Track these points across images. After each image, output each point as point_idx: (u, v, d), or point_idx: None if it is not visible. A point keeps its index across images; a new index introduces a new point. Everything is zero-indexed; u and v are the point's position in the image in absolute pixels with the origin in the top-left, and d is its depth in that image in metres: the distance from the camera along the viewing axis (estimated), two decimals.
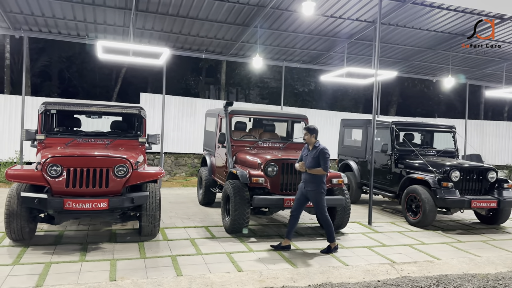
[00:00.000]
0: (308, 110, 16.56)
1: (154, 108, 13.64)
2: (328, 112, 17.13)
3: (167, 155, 14.45)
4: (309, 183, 5.67)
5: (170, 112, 13.95)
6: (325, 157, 5.60)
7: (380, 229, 7.34)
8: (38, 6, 9.04)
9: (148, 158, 14.32)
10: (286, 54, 12.19)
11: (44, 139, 6.45)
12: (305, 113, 15.90)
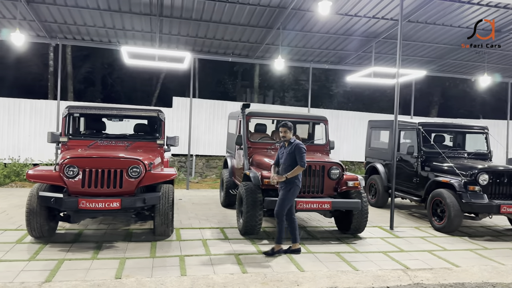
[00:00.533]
0: (341, 112, 16.25)
1: (186, 111, 13.84)
2: (363, 113, 16.74)
3: (198, 158, 14.70)
4: (284, 181, 5.56)
5: (202, 115, 14.18)
6: (301, 152, 5.50)
7: (402, 234, 7.07)
8: (70, 15, 9.49)
9: (180, 161, 14.64)
10: (313, 55, 12.06)
11: (67, 142, 6.75)
12: (338, 115, 15.80)
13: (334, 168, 6.47)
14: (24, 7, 8.84)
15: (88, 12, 9.32)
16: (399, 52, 7.37)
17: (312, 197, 6.37)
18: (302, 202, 6.10)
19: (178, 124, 13.65)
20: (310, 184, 6.39)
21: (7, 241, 5.66)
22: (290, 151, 5.61)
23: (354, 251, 5.92)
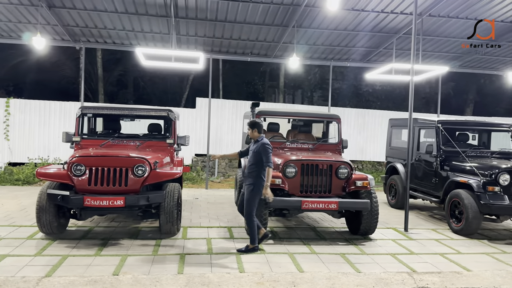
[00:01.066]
0: (367, 111, 15.84)
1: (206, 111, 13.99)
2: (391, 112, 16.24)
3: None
4: (247, 178, 5.58)
5: (225, 115, 14.26)
6: (266, 151, 5.45)
7: (416, 236, 6.81)
8: (90, 19, 9.78)
9: (203, 161, 14.77)
10: (333, 53, 11.85)
11: (80, 141, 6.94)
12: (365, 114, 15.40)
13: (342, 167, 6.31)
14: (46, 12, 9.18)
15: (107, 15, 9.57)
16: (413, 47, 7.09)
17: (319, 197, 6.23)
18: (308, 202, 5.99)
19: (202, 124, 13.78)
20: (317, 183, 6.27)
21: (19, 236, 5.88)
22: (255, 149, 5.57)
23: (360, 252, 5.74)
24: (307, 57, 12.03)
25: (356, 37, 10.67)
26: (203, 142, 13.72)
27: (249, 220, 5.62)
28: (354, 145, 14.94)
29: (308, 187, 6.27)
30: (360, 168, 15.80)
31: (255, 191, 5.54)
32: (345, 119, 14.93)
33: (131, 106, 7.40)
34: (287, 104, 16.10)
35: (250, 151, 5.74)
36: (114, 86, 28.46)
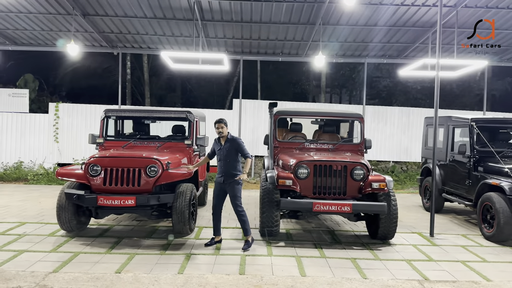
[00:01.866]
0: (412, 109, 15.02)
1: (246, 113, 14.04)
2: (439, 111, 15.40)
3: (258, 158, 14.79)
4: (230, 175, 5.75)
5: (261, 116, 14.22)
6: (241, 146, 5.82)
7: (441, 241, 6.38)
8: (123, 25, 10.19)
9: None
10: (367, 50, 11.46)
11: (103, 142, 7.23)
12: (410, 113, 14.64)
13: (358, 168, 6.06)
14: (81, 20, 9.67)
15: (138, 21, 9.91)
16: (438, 40, 6.67)
17: (333, 199, 6.03)
18: (320, 204, 5.81)
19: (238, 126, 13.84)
20: (331, 185, 6.06)
21: (42, 233, 6.23)
22: (230, 147, 5.80)
23: (373, 258, 5.48)
24: (340, 54, 11.74)
25: (389, 32, 10.25)
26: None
27: (240, 214, 5.86)
28: (398, 145, 14.37)
29: (321, 188, 6.08)
30: (404, 169, 15.15)
31: (239, 186, 5.85)
32: (388, 118, 14.39)
33: (152, 108, 7.62)
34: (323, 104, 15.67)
35: (223, 150, 5.84)
36: (163, 89, 29.35)
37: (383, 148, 14.75)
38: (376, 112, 14.61)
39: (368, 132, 14.44)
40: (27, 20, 9.98)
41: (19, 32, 10.81)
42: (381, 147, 14.72)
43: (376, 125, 14.57)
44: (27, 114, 13.86)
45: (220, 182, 5.89)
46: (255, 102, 14.61)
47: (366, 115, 14.26)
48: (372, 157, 14.66)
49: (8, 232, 6.26)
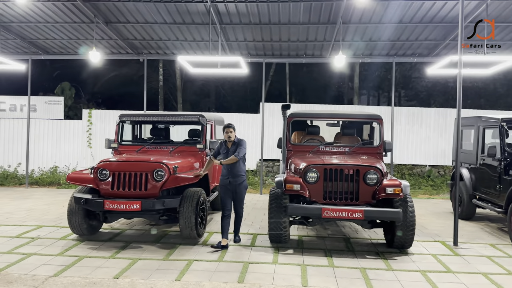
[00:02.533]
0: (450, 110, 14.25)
1: (273, 116, 13.90)
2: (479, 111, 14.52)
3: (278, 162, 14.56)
4: (237, 176, 6.01)
5: None
6: (242, 146, 6.02)
7: (465, 251, 5.90)
8: (145, 31, 10.32)
9: (267, 166, 14.68)
10: (394, 48, 10.96)
11: (118, 147, 7.30)
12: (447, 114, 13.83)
13: (371, 173, 5.72)
14: (105, 27, 9.89)
15: (158, 27, 10.00)
16: (460, 35, 6.21)
17: (344, 205, 5.72)
18: (329, 210, 5.52)
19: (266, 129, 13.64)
20: (343, 190, 5.75)
21: (54, 237, 6.34)
22: (236, 149, 6.02)
23: (385, 268, 5.13)
24: (367, 54, 11.31)
25: (416, 30, 9.74)
26: (267, 146, 13.59)
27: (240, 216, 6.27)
28: (435, 148, 13.70)
29: (332, 194, 5.79)
30: (442, 174, 14.39)
31: (245, 190, 6.18)
32: (423, 119, 13.74)
33: (165, 113, 7.61)
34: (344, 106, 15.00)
35: (230, 152, 6.04)
36: (197, 95, 29.75)
37: (418, 151, 14.09)
38: (410, 114, 14.01)
39: (403, 135, 13.84)
40: (55, 29, 10.34)
41: (49, 42, 11.22)
42: (416, 150, 14.07)
43: (411, 127, 13.95)
44: (62, 120, 14.39)
45: (226, 184, 6.04)
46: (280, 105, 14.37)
47: (400, 117, 13.70)
48: (407, 161, 14.04)
49: (23, 235, 6.42)
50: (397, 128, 13.71)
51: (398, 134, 13.69)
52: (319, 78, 28.00)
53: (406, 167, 14.49)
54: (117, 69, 25.17)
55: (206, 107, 28.95)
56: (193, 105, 27.65)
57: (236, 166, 6.00)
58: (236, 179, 6.01)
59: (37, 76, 24.17)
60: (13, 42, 11.33)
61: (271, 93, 28.19)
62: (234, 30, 10.02)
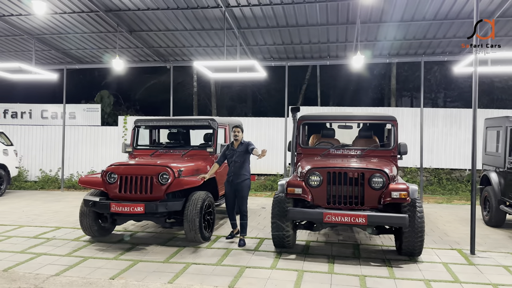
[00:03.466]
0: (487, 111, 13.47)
1: None
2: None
3: None
4: (239, 175, 6.26)
5: None
6: (252, 144, 6.31)
7: (481, 260, 5.50)
8: (168, 39, 10.58)
9: None
10: (422, 47, 10.51)
11: (133, 151, 7.50)
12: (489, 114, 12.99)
13: (377, 176, 5.49)
14: (129, 36, 10.24)
15: (180, 34, 10.23)
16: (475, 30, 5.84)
17: (349, 210, 5.53)
18: (331, 214, 5.35)
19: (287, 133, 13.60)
20: (347, 194, 5.56)
21: (68, 238, 6.59)
22: (243, 149, 6.29)
23: (388, 276, 4.88)
24: (393, 54, 10.92)
25: (442, 27, 9.28)
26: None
27: (243, 214, 6.34)
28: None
29: (336, 198, 5.61)
30: None
31: (248, 188, 6.39)
32: (462, 121, 13.05)
33: (177, 118, 7.73)
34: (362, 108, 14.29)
35: (236, 152, 6.30)
36: (234, 100, 30.03)
37: (457, 154, 13.39)
38: (448, 115, 13.38)
39: (440, 138, 13.20)
40: (84, 39, 10.84)
41: (81, 52, 11.78)
42: (455, 153, 13.38)
43: (448, 130, 13.31)
44: (99, 126, 15.01)
45: (229, 182, 6.36)
46: (311, 109, 14.20)
47: (437, 119, 13.14)
48: (445, 165, 13.38)
49: (41, 235, 6.74)
50: (434, 130, 13.14)
51: (435, 137, 13.10)
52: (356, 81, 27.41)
53: (444, 171, 13.82)
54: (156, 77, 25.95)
55: (243, 112, 29.13)
56: (229, 110, 27.91)
57: (241, 166, 6.27)
58: (237, 178, 6.28)
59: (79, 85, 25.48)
60: (49, 53, 12.00)
61: (307, 97, 27.96)
62: (254, 34, 10.03)
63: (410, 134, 12.80)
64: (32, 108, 15.71)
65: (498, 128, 7.80)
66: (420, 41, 10.09)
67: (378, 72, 24.28)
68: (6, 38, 10.94)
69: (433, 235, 6.97)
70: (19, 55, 12.24)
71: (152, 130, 8.28)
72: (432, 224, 7.91)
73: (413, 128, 13.03)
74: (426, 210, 9.45)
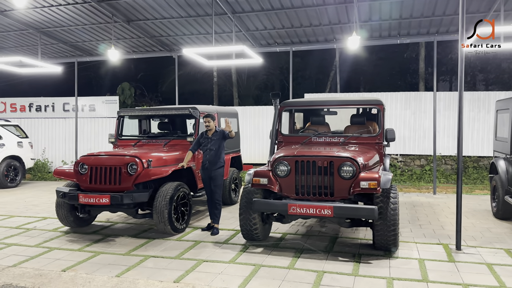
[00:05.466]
0: None
1: None
2: None
3: None
4: (214, 163, 6.19)
5: None
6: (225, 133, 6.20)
7: (465, 257, 4.97)
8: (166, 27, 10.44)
9: None
10: (433, 25, 9.70)
11: (116, 142, 7.44)
12: None
13: (347, 165, 5.05)
14: (127, 26, 10.19)
15: (177, 21, 10.04)
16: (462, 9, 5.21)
17: (318, 201, 5.15)
18: (296, 206, 5.00)
19: None
20: (316, 184, 5.17)
21: (47, 228, 6.63)
22: (218, 136, 6.26)
23: (349, 273, 4.49)
24: (404, 34, 10.20)
25: (450, 1, 8.50)
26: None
27: (216, 203, 6.27)
28: None
29: (305, 188, 5.24)
30: None
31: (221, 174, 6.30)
32: (491, 105, 11.97)
33: (159, 107, 7.59)
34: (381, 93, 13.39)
35: (210, 140, 6.26)
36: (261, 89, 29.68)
37: (485, 141, 12.41)
38: (475, 99, 12.38)
39: (466, 123, 12.25)
40: (86, 31, 10.93)
41: (87, 44, 11.91)
42: (483, 140, 12.41)
43: (475, 115, 12.35)
44: None
45: (204, 169, 6.30)
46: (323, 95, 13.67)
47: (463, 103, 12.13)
48: (472, 152, 12.43)
49: (23, 226, 6.83)
50: None
51: None
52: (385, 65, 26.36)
53: (471, 159, 12.89)
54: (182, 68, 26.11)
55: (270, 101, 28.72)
56: (255, 100, 27.63)
57: (215, 153, 6.21)
58: (212, 165, 6.22)
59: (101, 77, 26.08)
60: (58, 47, 12.22)
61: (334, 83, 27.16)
62: (250, 18, 9.67)
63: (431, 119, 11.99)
64: (55, 101, 16.16)
65: (505, 111, 7.05)
66: (430, 19, 9.31)
67: (407, 56, 23.05)
68: (14, 33, 11.23)
69: (428, 228, 6.43)
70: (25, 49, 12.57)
71: (142, 120, 8.20)
72: (434, 216, 7.33)
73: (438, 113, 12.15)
74: (436, 200, 8.82)
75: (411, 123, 12.36)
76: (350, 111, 7.72)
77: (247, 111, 13.22)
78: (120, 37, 11.14)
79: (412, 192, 10.10)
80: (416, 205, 8.31)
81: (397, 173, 12.51)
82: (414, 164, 12.93)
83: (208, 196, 6.41)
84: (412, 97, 12.55)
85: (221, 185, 6.35)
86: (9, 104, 16.39)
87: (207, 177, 6.32)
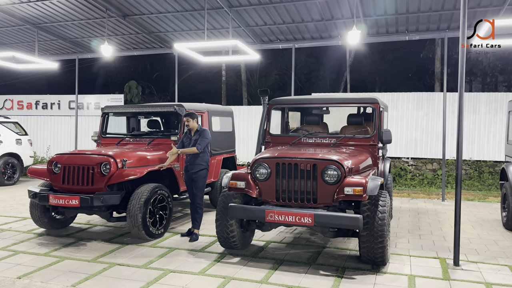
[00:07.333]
0: None
1: None
2: None
3: None
4: (194, 165, 5.82)
5: None
6: (204, 137, 5.80)
7: (461, 275, 4.41)
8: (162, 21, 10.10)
9: None
10: (444, 21, 9.09)
11: (99, 140, 7.11)
12: None
13: (331, 168, 4.56)
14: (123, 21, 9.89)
15: (173, 16, 9.69)
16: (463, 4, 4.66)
17: (299, 207, 4.67)
18: (273, 212, 4.54)
19: None
20: (299, 189, 4.69)
21: (21, 230, 6.31)
22: (197, 137, 5.84)
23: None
24: (412, 30, 9.60)
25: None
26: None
27: (197, 206, 5.90)
28: None
29: (286, 193, 4.77)
30: None
31: (205, 179, 5.92)
32: None
33: (144, 104, 7.26)
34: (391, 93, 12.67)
35: (192, 141, 5.88)
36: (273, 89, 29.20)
37: (503, 145, 11.64)
38: (492, 101, 11.66)
39: (482, 126, 11.56)
40: (82, 26, 10.67)
41: (86, 40, 11.67)
42: (500, 144, 11.67)
43: (492, 117, 11.63)
44: None
45: (186, 170, 5.97)
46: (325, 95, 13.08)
47: (479, 105, 11.52)
48: (488, 157, 11.72)
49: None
50: (475, 118, 11.52)
51: (476, 125, 11.49)
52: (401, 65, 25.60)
53: (487, 164, 12.14)
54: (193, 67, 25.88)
55: None
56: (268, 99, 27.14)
57: (197, 155, 5.84)
58: (193, 167, 5.87)
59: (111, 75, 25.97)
60: (58, 43, 12.02)
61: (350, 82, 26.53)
62: (248, 12, 9.24)
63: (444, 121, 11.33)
64: (61, 99, 16.07)
65: None
66: (440, 13, 8.70)
67: (424, 55, 22.23)
68: (12, 28, 11.06)
69: (427, 239, 5.87)
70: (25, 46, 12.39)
71: (130, 118, 7.86)
72: (437, 225, 6.75)
73: (451, 115, 11.45)
74: (444, 208, 8.22)
75: (424, 125, 11.74)
76: (350, 111, 7.21)
77: (243, 110, 12.82)
78: (119, 33, 10.86)
79: (420, 198, 9.48)
80: (420, 213, 7.73)
81: (407, 177, 11.87)
82: (426, 168, 12.26)
83: (190, 199, 6.03)
84: (424, 98, 11.93)
85: (202, 188, 5.93)
86: (16, 102, 16.40)
87: (189, 179, 5.95)
